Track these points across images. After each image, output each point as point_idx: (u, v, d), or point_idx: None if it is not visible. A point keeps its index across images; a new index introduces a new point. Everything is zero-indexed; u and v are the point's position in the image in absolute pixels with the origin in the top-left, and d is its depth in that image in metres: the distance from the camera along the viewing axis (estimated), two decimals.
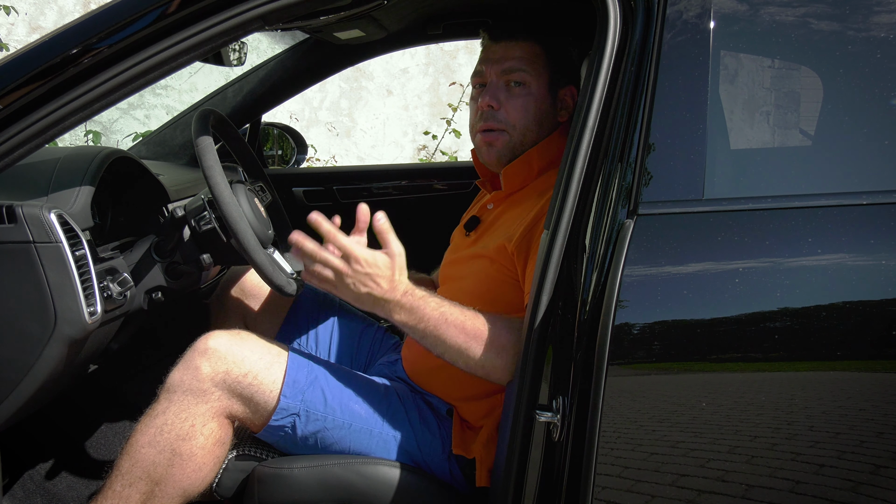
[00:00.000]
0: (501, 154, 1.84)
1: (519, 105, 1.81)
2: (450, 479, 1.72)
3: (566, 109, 1.86)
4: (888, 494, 1.32)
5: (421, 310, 1.59)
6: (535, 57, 1.82)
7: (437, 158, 6.12)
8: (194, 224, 1.81)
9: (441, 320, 1.58)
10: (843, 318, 1.32)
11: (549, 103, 1.84)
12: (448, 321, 1.58)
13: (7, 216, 1.47)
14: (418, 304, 1.59)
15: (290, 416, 1.66)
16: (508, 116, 1.81)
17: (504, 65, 1.81)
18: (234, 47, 2.41)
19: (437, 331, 1.59)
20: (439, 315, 1.59)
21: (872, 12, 1.42)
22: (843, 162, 1.41)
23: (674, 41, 1.40)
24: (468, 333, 1.58)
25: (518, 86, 1.81)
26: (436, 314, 1.59)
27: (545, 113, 1.84)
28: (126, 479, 1.62)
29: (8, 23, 5.39)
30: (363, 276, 1.57)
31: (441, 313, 1.59)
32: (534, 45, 1.82)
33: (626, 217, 1.34)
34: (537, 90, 1.82)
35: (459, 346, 1.58)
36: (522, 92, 1.81)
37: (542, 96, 1.82)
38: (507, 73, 1.81)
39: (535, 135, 1.83)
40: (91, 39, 1.40)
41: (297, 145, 3.11)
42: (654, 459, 1.35)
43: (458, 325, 1.58)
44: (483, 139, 1.84)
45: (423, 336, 1.61)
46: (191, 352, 1.66)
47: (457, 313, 1.60)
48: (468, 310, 1.61)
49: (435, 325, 1.59)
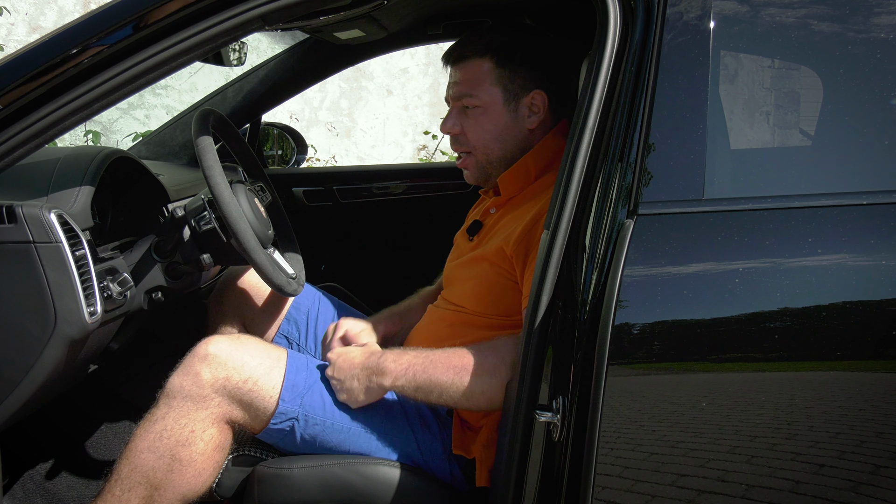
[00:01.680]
0: (476, 175, 1.90)
1: (474, 126, 1.84)
2: (450, 479, 1.72)
3: (536, 115, 1.85)
4: (888, 494, 1.32)
5: (403, 359, 1.65)
6: (483, 76, 1.82)
7: (437, 158, 6.12)
8: (194, 224, 1.81)
9: (427, 362, 1.63)
10: (843, 318, 1.32)
11: (508, 117, 1.84)
12: (434, 361, 1.63)
13: (7, 216, 1.47)
14: (399, 355, 1.66)
15: (289, 421, 1.66)
16: (468, 139, 1.86)
17: (453, 90, 1.86)
18: (234, 47, 2.42)
19: (426, 373, 1.62)
20: (424, 357, 1.64)
21: (872, 13, 1.42)
22: (843, 162, 1.40)
23: (674, 41, 1.40)
24: (456, 367, 1.61)
25: (473, 108, 1.83)
26: (420, 359, 1.64)
27: (505, 127, 1.84)
28: (125, 483, 1.62)
29: (7, 23, 5.39)
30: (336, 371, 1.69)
31: (426, 356, 1.64)
32: (483, 62, 1.82)
33: (626, 217, 1.34)
34: (491, 108, 1.83)
35: (453, 381, 1.61)
36: (476, 113, 1.83)
37: (497, 113, 1.83)
38: (458, 99, 1.85)
39: (500, 151, 1.85)
40: (91, 39, 1.40)
41: (297, 145, 3.11)
42: (654, 459, 1.35)
43: (444, 363, 1.62)
44: (458, 165, 1.92)
45: (417, 387, 1.63)
46: (190, 357, 1.66)
47: (438, 353, 1.64)
48: (448, 349, 1.65)
49: (423, 369, 1.62)
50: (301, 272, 2.08)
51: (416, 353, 1.66)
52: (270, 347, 1.73)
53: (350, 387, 1.67)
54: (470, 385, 1.60)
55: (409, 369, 1.63)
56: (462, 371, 1.61)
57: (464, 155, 1.88)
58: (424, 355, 1.64)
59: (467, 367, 1.61)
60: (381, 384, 1.66)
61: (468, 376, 1.60)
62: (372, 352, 1.70)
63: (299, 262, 2.13)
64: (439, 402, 1.64)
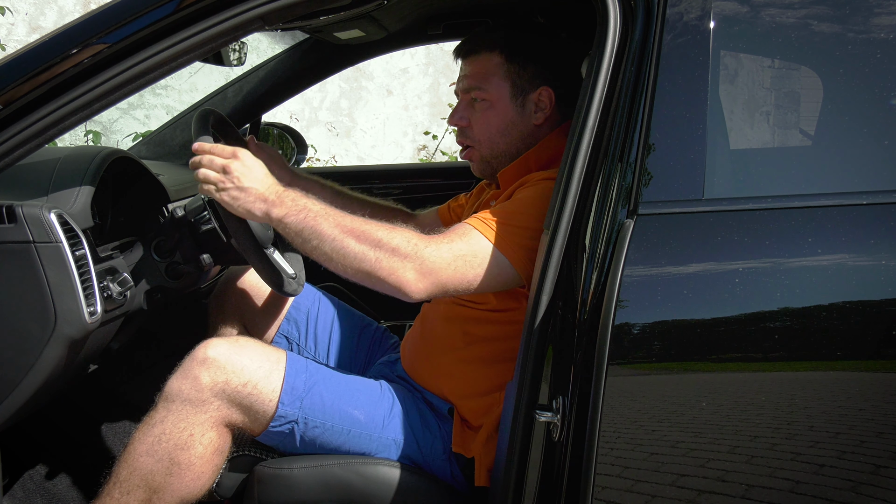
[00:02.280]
0: (481, 168, 1.90)
1: (481, 120, 1.84)
2: (450, 479, 1.72)
3: (542, 111, 1.85)
4: (888, 494, 1.32)
5: (301, 203, 1.61)
6: (493, 69, 1.82)
7: (437, 158, 6.12)
8: (194, 224, 1.81)
9: (322, 213, 1.59)
10: (843, 318, 1.32)
11: (514, 112, 1.84)
12: (327, 214, 1.60)
13: (7, 216, 1.47)
14: (298, 197, 1.62)
15: (289, 424, 1.66)
16: (474, 132, 1.86)
17: (462, 83, 1.86)
18: (234, 47, 2.41)
19: (314, 221, 1.59)
20: (321, 208, 1.60)
21: (872, 13, 1.42)
22: (843, 162, 1.40)
23: (674, 41, 1.40)
24: (342, 226, 1.58)
25: (480, 102, 1.83)
26: (315, 207, 1.60)
27: (511, 122, 1.84)
28: (124, 486, 1.62)
29: (7, 23, 5.39)
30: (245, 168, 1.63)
31: (323, 207, 1.61)
32: (493, 57, 1.83)
33: (626, 217, 1.34)
34: (498, 103, 1.83)
35: (334, 237, 1.58)
36: (484, 107, 1.83)
37: (504, 108, 1.83)
38: (467, 91, 1.85)
39: (505, 145, 1.85)
40: (91, 39, 1.40)
41: (297, 145, 3.10)
42: (654, 459, 1.35)
43: (334, 219, 1.59)
44: (462, 156, 1.92)
45: (300, 231, 1.60)
46: (189, 360, 1.65)
47: (336, 210, 1.61)
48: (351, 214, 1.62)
49: (314, 217, 1.59)
50: (301, 272, 2.08)
51: (316, 200, 1.63)
52: (270, 350, 1.73)
53: (235, 196, 1.62)
54: (348, 247, 1.57)
55: (301, 212, 1.60)
56: (348, 234, 1.58)
57: (468, 149, 1.89)
58: (323, 206, 1.61)
59: (353, 230, 1.58)
60: (268, 212, 1.62)
61: (351, 238, 1.58)
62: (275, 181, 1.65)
63: (299, 262, 2.13)
64: (308, 249, 1.61)
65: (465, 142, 1.88)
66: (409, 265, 1.57)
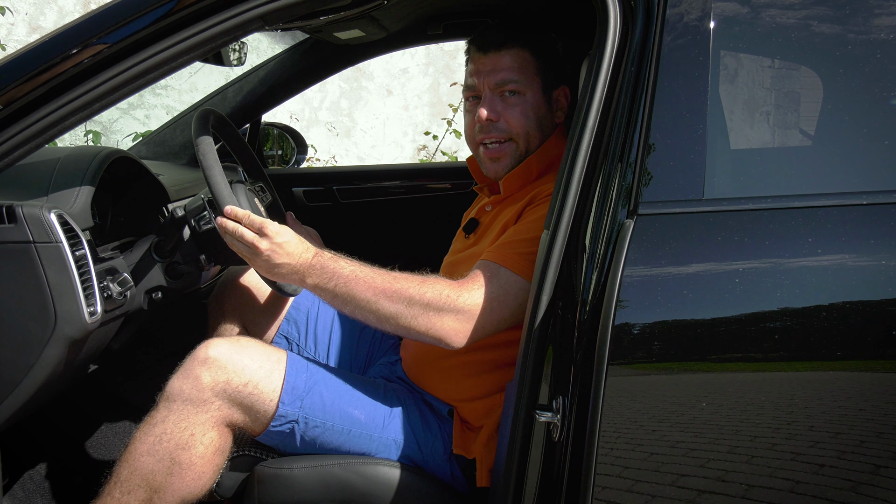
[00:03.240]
0: (512, 163, 1.84)
1: (518, 113, 1.81)
2: (450, 479, 1.72)
3: (561, 110, 1.87)
4: (888, 494, 1.32)
5: (331, 269, 1.62)
6: (525, 64, 1.81)
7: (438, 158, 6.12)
8: (194, 224, 1.81)
9: (353, 277, 1.61)
10: (843, 318, 1.32)
11: (545, 107, 1.84)
12: (359, 277, 1.61)
13: (7, 216, 1.47)
14: (328, 263, 1.63)
15: (289, 423, 1.66)
16: (510, 126, 1.81)
17: (496, 77, 1.81)
18: (234, 47, 2.41)
19: (347, 286, 1.60)
20: (351, 271, 1.62)
21: (872, 14, 1.42)
22: (843, 162, 1.40)
23: (674, 41, 1.40)
24: (375, 288, 1.60)
25: (513, 94, 1.81)
26: (348, 271, 1.62)
27: (543, 117, 1.84)
28: (125, 486, 1.62)
29: (7, 23, 5.39)
30: (275, 245, 1.64)
31: (354, 269, 1.62)
32: (522, 52, 1.82)
33: (626, 217, 1.34)
34: (532, 97, 1.82)
35: (368, 300, 1.59)
36: (519, 100, 1.81)
37: (537, 102, 1.83)
38: (501, 86, 1.81)
39: (538, 139, 1.84)
40: (91, 39, 1.40)
41: (297, 145, 3.11)
42: (654, 459, 1.35)
43: (367, 281, 1.60)
44: (487, 154, 1.85)
45: (335, 296, 1.62)
46: (190, 360, 1.65)
47: (367, 269, 1.63)
48: (382, 270, 1.64)
49: (346, 282, 1.61)
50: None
51: (347, 262, 1.64)
52: (270, 350, 1.73)
53: (268, 270, 1.66)
54: (382, 307, 1.59)
55: (333, 278, 1.62)
56: (380, 294, 1.59)
57: (497, 144, 1.83)
58: (353, 269, 1.63)
59: (386, 290, 1.59)
60: (302, 282, 1.65)
61: (384, 299, 1.59)
62: (307, 247, 1.67)
63: None
64: (347, 312, 1.63)
65: (497, 136, 1.82)
66: (446, 318, 1.58)
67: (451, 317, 1.58)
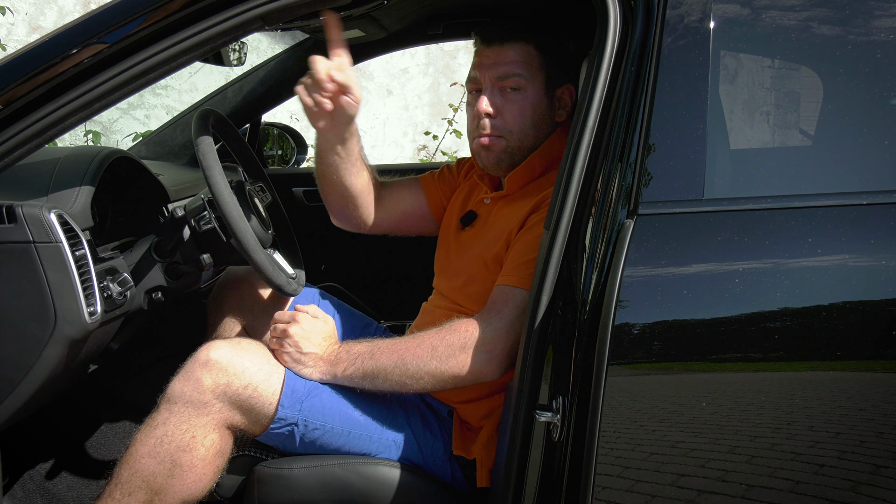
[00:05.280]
0: (500, 158, 1.83)
1: (516, 110, 1.79)
2: (450, 479, 1.72)
3: (564, 109, 1.85)
4: (888, 494, 1.32)
5: (355, 351, 1.69)
6: (529, 59, 1.80)
7: (438, 158, 6.12)
8: (194, 224, 1.81)
9: (374, 349, 1.67)
10: (843, 318, 1.31)
11: (546, 105, 1.83)
12: (380, 347, 1.67)
13: (7, 216, 1.47)
14: (350, 347, 1.70)
15: (289, 426, 1.66)
16: (506, 123, 1.80)
17: (499, 70, 1.79)
18: (234, 47, 2.41)
19: (372, 359, 1.66)
20: (372, 346, 1.68)
21: (872, 15, 1.42)
22: (843, 162, 1.40)
23: (674, 42, 1.40)
24: (399, 351, 1.65)
25: (514, 91, 1.79)
26: (369, 347, 1.68)
27: (542, 115, 1.83)
28: (125, 488, 1.62)
29: (7, 23, 5.38)
30: (305, 332, 1.71)
31: (374, 344, 1.68)
32: (527, 47, 1.80)
33: (626, 217, 1.34)
34: (533, 94, 1.80)
35: (395, 363, 1.64)
36: (518, 97, 1.79)
37: (538, 99, 1.81)
38: (503, 79, 1.79)
39: (533, 138, 1.82)
40: (91, 39, 1.40)
41: (297, 145, 3.10)
42: (654, 459, 1.35)
43: (389, 348, 1.66)
44: (480, 143, 1.83)
45: (364, 374, 1.67)
46: (191, 362, 1.65)
47: (388, 341, 1.68)
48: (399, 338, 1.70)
49: (370, 356, 1.66)
50: (301, 272, 2.07)
51: (367, 342, 1.70)
52: (271, 352, 1.73)
53: (303, 364, 1.70)
54: (411, 365, 1.63)
55: (357, 358, 1.67)
56: (404, 353, 1.63)
57: (494, 138, 1.81)
58: (374, 343, 1.68)
59: (409, 348, 1.64)
60: (333, 374, 1.69)
61: (409, 356, 1.63)
62: (331, 342, 1.74)
63: (299, 263, 2.13)
64: (387, 386, 1.66)
65: (492, 132, 1.81)
66: (474, 353, 1.61)
67: (476, 353, 1.61)
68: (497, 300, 1.65)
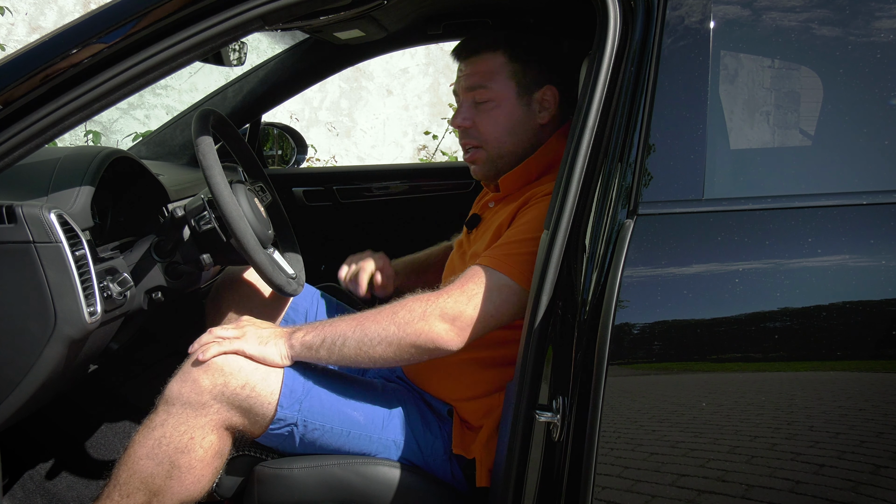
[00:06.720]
0: (486, 169, 1.88)
1: (488, 120, 1.83)
2: (450, 479, 1.72)
3: (546, 110, 1.85)
4: (888, 494, 1.32)
5: (314, 324, 1.68)
6: (497, 69, 1.82)
7: (437, 158, 6.12)
8: (194, 224, 1.81)
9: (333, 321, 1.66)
10: (844, 318, 1.32)
11: (520, 111, 1.84)
12: (340, 319, 1.66)
13: (7, 216, 1.47)
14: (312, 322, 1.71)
15: (288, 426, 1.66)
16: (480, 132, 1.84)
17: (468, 81, 1.84)
18: (234, 47, 2.41)
19: (332, 327, 1.64)
20: (329, 321, 1.67)
21: (872, 16, 1.42)
22: (843, 162, 1.40)
23: (674, 41, 1.40)
24: (357, 318, 1.64)
25: (485, 102, 1.83)
26: (326, 322, 1.67)
27: (518, 121, 1.84)
28: (124, 489, 1.62)
29: (7, 23, 5.39)
30: (248, 323, 1.73)
31: (331, 319, 1.68)
32: (496, 56, 1.83)
33: (626, 217, 1.34)
34: (504, 102, 1.82)
35: (354, 329, 1.63)
36: (489, 107, 1.83)
37: (510, 107, 1.83)
38: (471, 91, 1.84)
39: (512, 145, 1.84)
40: (91, 39, 1.40)
41: (297, 145, 3.11)
42: (654, 459, 1.35)
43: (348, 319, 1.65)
44: (466, 159, 1.90)
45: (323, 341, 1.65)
46: (189, 363, 1.65)
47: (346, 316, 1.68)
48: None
49: (330, 325, 1.65)
50: (301, 272, 2.08)
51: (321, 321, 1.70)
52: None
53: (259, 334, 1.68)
54: (370, 331, 1.61)
55: (315, 327, 1.66)
56: (363, 319, 1.63)
57: (473, 149, 1.87)
58: (332, 319, 1.69)
59: (369, 316, 1.63)
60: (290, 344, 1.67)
61: (369, 322, 1.62)
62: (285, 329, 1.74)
63: (299, 262, 2.13)
64: (346, 355, 1.63)
65: (470, 143, 1.86)
66: (432, 321, 1.59)
67: (436, 319, 1.59)
68: (465, 275, 1.65)
